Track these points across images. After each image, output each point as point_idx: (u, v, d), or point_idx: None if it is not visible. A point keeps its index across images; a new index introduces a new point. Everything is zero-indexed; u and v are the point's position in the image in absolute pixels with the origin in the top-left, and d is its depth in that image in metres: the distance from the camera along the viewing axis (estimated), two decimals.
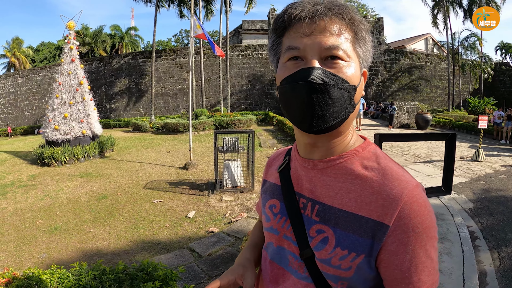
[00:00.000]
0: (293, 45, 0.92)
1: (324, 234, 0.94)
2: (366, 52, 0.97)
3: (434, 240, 0.87)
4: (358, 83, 0.93)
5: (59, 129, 13.10)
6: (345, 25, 0.92)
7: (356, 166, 0.95)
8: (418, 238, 0.84)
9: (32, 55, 55.08)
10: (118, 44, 49.94)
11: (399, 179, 0.89)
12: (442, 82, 34.97)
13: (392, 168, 0.92)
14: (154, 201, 7.83)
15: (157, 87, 31.15)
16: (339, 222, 0.91)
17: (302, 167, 1.04)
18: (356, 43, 0.94)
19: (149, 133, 21.01)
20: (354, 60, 0.93)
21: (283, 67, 0.95)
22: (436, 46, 44.30)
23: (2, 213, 7.77)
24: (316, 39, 0.89)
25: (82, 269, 3.23)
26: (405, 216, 0.84)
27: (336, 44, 0.89)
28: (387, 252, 0.86)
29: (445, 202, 6.90)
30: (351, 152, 0.98)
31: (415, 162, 10.94)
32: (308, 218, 0.98)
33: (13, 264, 5.36)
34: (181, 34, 67.48)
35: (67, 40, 14.17)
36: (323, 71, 0.87)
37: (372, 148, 1.00)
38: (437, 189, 2.25)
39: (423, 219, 0.85)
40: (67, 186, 9.48)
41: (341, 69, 0.89)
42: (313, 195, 0.99)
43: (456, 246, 5.03)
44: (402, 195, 0.85)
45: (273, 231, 1.09)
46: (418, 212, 0.85)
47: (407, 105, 22.05)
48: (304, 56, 0.90)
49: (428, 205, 0.87)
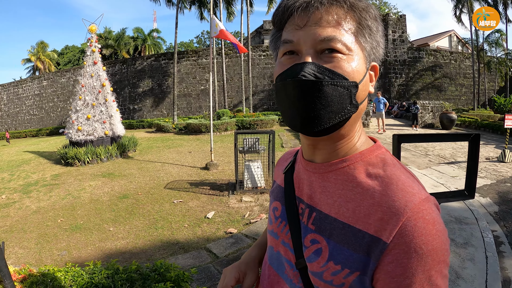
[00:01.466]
0: (287, 38, 0.84)
1: (318, 245, 0.84)
2: (373, 43, 0.85)
3: (442, 265, 0.72)
4: (361, 79, 0.82)
5: (82, 130, 13.33)
6: (345, 13, 0.81)
7: (359, 173, 0.84)
8: (421, 262, 0.70)
9: (56, 58, 56.48)
10: (141, 46, 50.70)
11: (404, 190, 0.76)
12: (467, 80, 34.10)
13: (399, 177, 0.80)
14: (174, 201, 7.84)
15: (179, 88, 31.49)
16: (333, 233, 0.82)
17: (304, 170, 0.96)
18: (360, 34, 0.82)
19: (172, 134, 21.22)
20: (357, 53, 0.81)
21: (279, 63, 0.87)
22: (460, 43, 43.47)
23: (25, 211, 7.93)
24: (310, 31, 0.79)
25: (95, 268, 3.23)
26: (407, 233, 0.71)
27: (333, 35, 0.78)
28: (384, 273, 0.73)
29: (469, 205, 6.68)
30: (356, 156, 0.87)
31: (439, 163, 10.66)
32: (305, 225, 0.90)
33: (33, 260, 5.44)
34: (203, 36, 68.16)
35: (90, 43, 14.44)
36: (316, 66, 0.77)
37: (381, 153, 0.88)
38: (459, 193, 2.12)
39: (430, 240, 0.71)
40: (89, 185, 9.60)
41: (338, 63, 0.79)
42: (311, 201, 0.90)
43: (479, 252, 4.84)
44: (406, 209, 0.73)
45: (273, 234, 1.03)
46: (423, 231, 0.71)
47: (431, 104, 21.56)
48: (299, 50, 0.82)
49: (438, 224, 0.73)
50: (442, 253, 0.72)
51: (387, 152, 0.90)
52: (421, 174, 9.16)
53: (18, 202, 8.62)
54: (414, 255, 0.70)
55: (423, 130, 19.66)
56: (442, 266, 0.72)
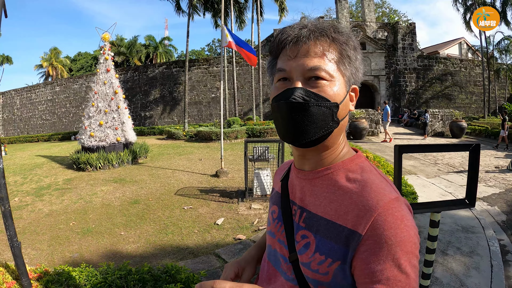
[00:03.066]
0: (281, 67, 1.01)
1: (307, 240, 1.00)
2: (352, 70, 1.02)
3: (411, 256, 0.85)
4: (341, 100, 0.99)
5: (94, 136, 13.50)
6: (328, 46, 0.98)
7: (341, 178, 1.00)
8: (391, 251, 0.83)
9: (69, 64, 57.18)
10: (153, 54, 51.11)
11: (377, 191, 0.92)
12: (477, 88, 33.76)
13: (373, 180, 0.96)
14: (184, 207, 7.91)
15: (190, 96, 31.71)
16: (320, 229, 0.97)
17: (296, 177, 1.13)
18: (341, 62, 0.99)
19: (182, 141, 21.33)
20: (338, 79, 0.98)
21: (274, 87, 1.04)
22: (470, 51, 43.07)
23: (38, 214, 8.06)
24: (299, 62, 0.97)
25: (109, 269, 3.32)
26: (378, 227, 0.86)
27: (318, 65, 0.95)
28: (359, 260, 0.87)
29: (477, 214, 6.67)
30: (339, 164, 1.03)
31: (448, 172, 10.64)
32: (297, 224, 1.06)
33: (45, 262, 5.54)
34: (214, 44, 68.49)
35: (102, 51, 14.63)
36: (304, 91, 0.95)
37: (360, 162, 1.05)
38: (460, 202, 2.18)
39: (398, 232, 0.84)
40: (101, 190, 9.74)
41: (322, 88, 0.96)
42: (302, 203, 1.07)
43: (485, 261, 4.85)
44: (377, 206, 0.88)
45: (271, 234, 1.19)
46: (392, 225, 0.85)
47: (442, 112, 21.48)
48: (290, 77, 0.99)
49: (406, 219, 0.87)
50: (409, 245, 0.85)
51: (366, 161, 1.07)
52: (430, 183, 9.15)
53: (30, 205, 8.77)
54: (385, 245, 0.84)
55: (433, 139, 19.59)
56: (411, 256, 0.85)
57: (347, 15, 31.86)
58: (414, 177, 9.81)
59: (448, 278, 4.35)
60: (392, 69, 31.01)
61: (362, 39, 29.69)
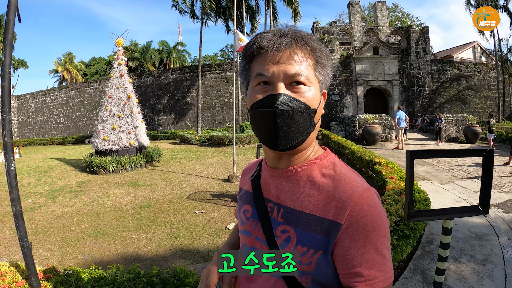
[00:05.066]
0: (261, 72, 1.03)
1: (287, 234, 1.05)
2: (325, 76, 1.10)
3: (385, 239, 0.96)
4: (318, 105, 1.05)
5: (108, 139, 13.63)
6: (307, 53, 1.04)
7: (316, 174, 1.07)
8: (369, 236, 0.93)
9: (84, 69, 57.88)
10: (166, 59, 51.39)
11: (350, 184, 1.00)
12: (491, 92, 33.07)
13: (346, 174, 1.04)
14: (195, 211, 7.92)
15: (203, 101, 31.83)
16: (299, 223, 1.03)
17: (270, 175, 1.17)
18: (316, 69, 1.06)
19: (195, 146, 21.42)
20: (315, 84, 1.05)
21: (253, 91, 1.06)
22: (484, 54, 42.43)
23: (50, 215, 8.15)
24: (281, 67, 1.00)
25: (118, 271, 3.32)
26: (356, 215, 0.94)
27: (299, 71, 1.01)
28: (340, 247, 0.95)
29: (491, 221, 6.54)
30: (312, 162, 1.10)
31: (462, 178, 10.46)
32: (275, 220, 1.10)
33: (56, 263, 5.58)
34: (227, 49, 68.60)
35: (116, 56, 14.81)
36: (287, 97, 0.99)
37: (331, 158, 1.13)
38: (473, 208, 2.12)
39: (373, 219, 0.94)
40: (113, 193, 9.81)
41: (303, 93, 1.01)
42: (279, 200, 1.12)
43: (498, 269, 4.74)
44: (353, 197, 0.96)
45: (246, 233, 1.21)
46: (367, 212, 0.94)
47: (456, 117, 21.17)
48: (272, 82, 1.02)
49: (378, 206, 0.97)
50: (383, 229, 0.96)
51: (335, 157, 1.15)
52: (443, 189, 9.01)
53: (43, 207, 8.87)
54: (363, 231, 0.93)
55: (447, 144, 19.31)
56: (385, 240, 0.96)
57: (360, 20, 31.68)
58: (427, 183, 9.69)
59: (460, 286, 4.27)
60: (406, 73, 30.67)
61: (375, 43, 29.46)
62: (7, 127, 3.09)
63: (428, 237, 5.72)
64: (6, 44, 3.13)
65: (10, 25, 3.13)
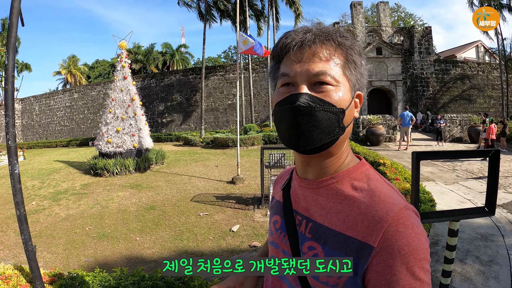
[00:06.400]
0: (285, 72, 0.97)
1: (314, 251, 0.97)
2: (357, 75, 0.99)
3: (424, 262, 0.85)
4: (347, 106, 0.96)
5: (111, 142, 13.65)
6: (334, 50, 0.95)
7: (346, 187, 0.97)
8: (405, 260, 0.82)
9: (87, 71, 58.17)
10: (169, 61, 51.48)
11: (385, 201, 0.90)
12: (495, 92, 32.86)
13: (381, 189, 0.94)
14: (200, 213, 7.92)
15: (207, 103, 31.86)
16: (328, 240, 0.94)
17: (299, 186, 1.09)
18: (346, 67, 0.96)
19: (199, 147, 21.43)
20: (343, 84, 0.95)
21: (277, 92, 1.01)
22: (488, 54, 42.34)
23: (55, 217, 8.17)
24: (304, 66, 0.93)
25: (122, 274, 3.32)
26: (390, 237, 0.84)
27: (323, 70, 0.92)
28: (374, 273, 0.86)
29: (496, 222, 6.50)
30: (343, 173, 1.00)
31: (467, 178, 10.43)
32: (302, 234, 1.02)
33: (60, 265, 5.59)
34: (230, 51, 68.67)
35: (120, 59, 14.82)
36: (309, 96, 0.91)
37: (365, 169, 1.02)
38: (479, 210, 2.10)
39: (410, 241, 0.83)
40: (117, 196, 9.82)
41: (328, 93, 0.93)
42: (308, 213, 1.03)
43: (504, 270, 4.71)
44: (387, 217, 0.86)
45: (274, 245, 1.15)
46: (404, 234, 0.84)
47: (459, 117, 21.07)
48: (295, 82, 0.95)
49: (416, 227, 0.86)
50: (422, 251, 0.84)
51: (371, 169, 1.04)
52: (448, 190, 8.98)
53: (47, 209, 8.89)
54: (398, 255, 0.82)
55: (451, 144, 19.21)
56: (424, 262, 0.84)
57: (362, 20, 31.68)
58: (432, 184, 9.65)
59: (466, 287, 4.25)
60: (409, 74, 30.62)
61: (378, 44, 29.45)
62: (10, 131, 3.09)
63: (433, 239, 5.70)
64: (9, 48, 3.13)
65: (13, 28, 3.13)
